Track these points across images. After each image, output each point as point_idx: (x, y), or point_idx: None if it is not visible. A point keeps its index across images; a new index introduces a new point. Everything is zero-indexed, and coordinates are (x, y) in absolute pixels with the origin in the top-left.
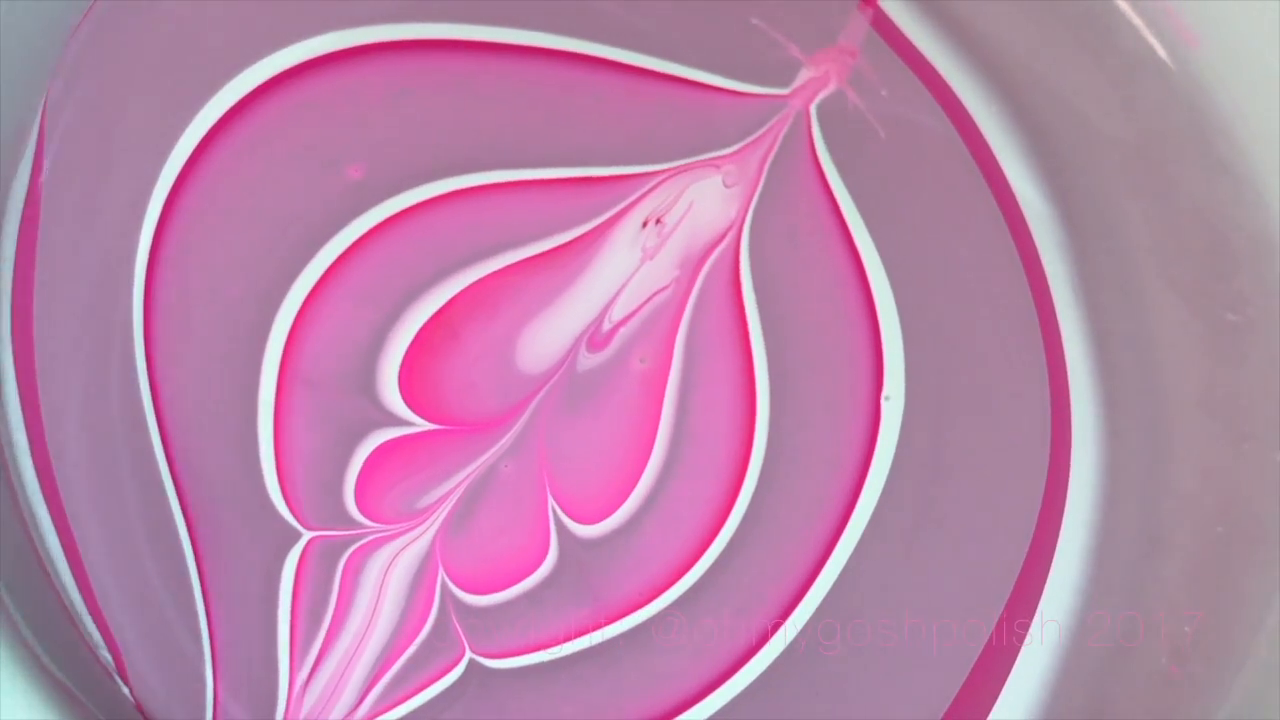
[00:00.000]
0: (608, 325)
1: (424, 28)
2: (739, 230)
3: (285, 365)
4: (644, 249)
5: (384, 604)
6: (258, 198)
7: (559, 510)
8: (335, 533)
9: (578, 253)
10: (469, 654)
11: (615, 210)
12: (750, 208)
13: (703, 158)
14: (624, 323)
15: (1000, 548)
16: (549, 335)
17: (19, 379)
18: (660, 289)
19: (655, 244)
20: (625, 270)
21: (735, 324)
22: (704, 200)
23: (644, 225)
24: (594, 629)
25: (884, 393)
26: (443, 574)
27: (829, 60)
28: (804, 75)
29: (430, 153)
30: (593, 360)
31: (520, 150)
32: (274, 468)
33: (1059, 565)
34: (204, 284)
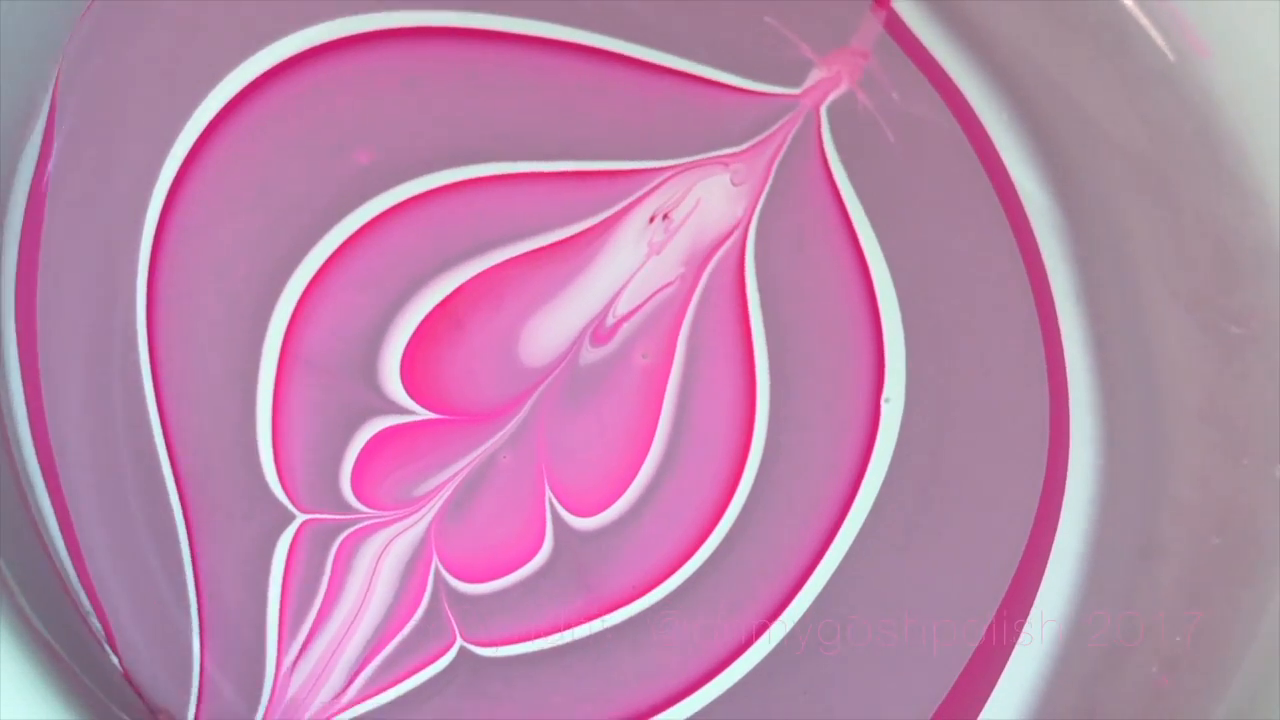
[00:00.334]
0: (611, 320)
1: (436, 15)
2: (745, 228)
3: (287, 348)
4: (650, 244)
5: (376, 589)
6: (264, 181)
7: (556, 502)
8: (329, 517)
9: (583, 246)
10: (460, 641)
11: (622, 205)
12: (758, 206)
13: (711, 155)
14: (628, 318)
15: (995, 551)
16: (552, 328)
17: (20, 353)
18: (665, 285)
19: (661, 240)
20: (630, 265)
21: (738, 322)
22: (711, 197)
23: (651, 221)
24: (587, 621)
25: (884, 395)
26: (436, 561)
27: (841, 61)
28: (815, 75)
29: (439, 141)
30: (595, 354)
31: (529, 142)
32: (271, 449)
33: (1053, 569)
34: (209, 264)
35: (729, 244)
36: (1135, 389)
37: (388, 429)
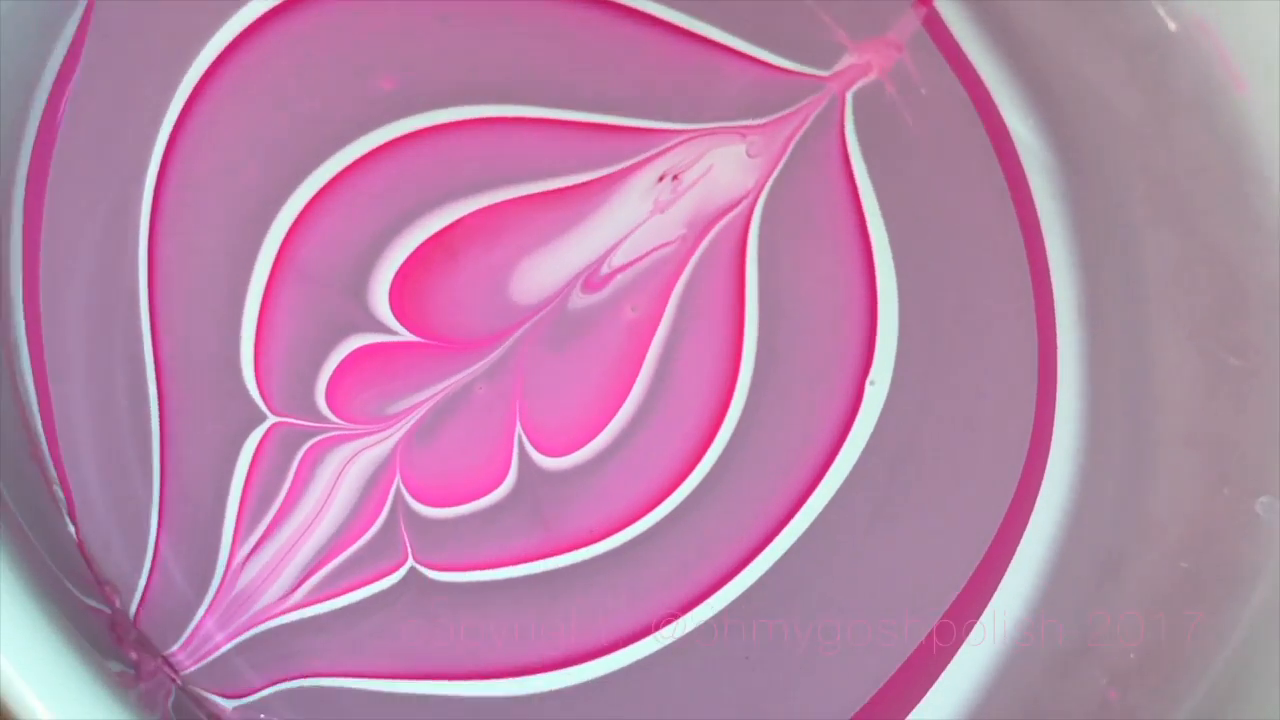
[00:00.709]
0: (606, 269)
1: None
2: (754, 200)
3: (283, 254)
4: (656, 202)
5: (335, 499)
6: (287, 93)
7: (525, 438)
8: (300, 422)
9: (590, 195)
10: (411, 561)
11: (634, 160)
12: (769, 180)
13: (731, 124)
14: (623, 269)
15: (958, 549)
16: (546, 270)
17: (25, 231)
18: (664, 243)
19: (668, 199)
20: (633, 219)
21: (733, 289)
22: (724, 165)
23: (660, 180)
24: (539, 559)
25: (870, 377)
26: (399, 480)
27: (874, 50)
28: (846, 61)
29: (463, 77)
30: (585, 300)
31: (552, 89)
32: (252, 351)
33: (1012, 574)
34: (220, 163)
35: (735, 212)
36: (1124, 405)
37: (369, 345)
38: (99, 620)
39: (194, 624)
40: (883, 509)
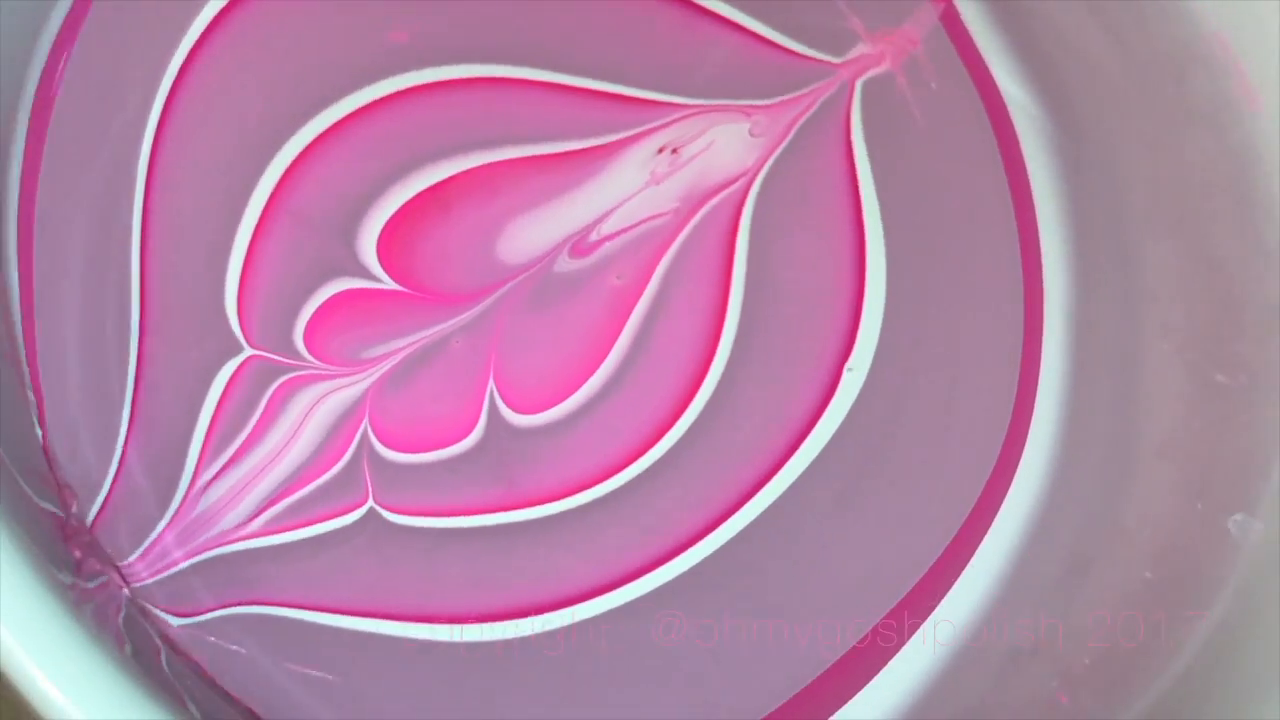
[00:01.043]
0: (595, 236)
1: None
2: (751, 179)
3: (278, 192)
4: (652, 173)
5: (302, 434)
6: (298, 36)
7: (497, 393)
8: (275, 358)
9: (587, 161)
10: (371, 502)
11: (635, 131)
12: (769, 160)
13: (736, 102)
14: (612, 237)
15: (917, 545)
16: (535, 231)
17: (29, 143)
18: (656, 215)
19: (665, 171)
20: (628, 189)
21: (720, 266)
22: (725, 142)
23: (659, 151)
24: (498, 511)
25: (848, 364)
26: (367, 423)
27: (888, 42)
28: (859, 49)
29: (476, 36)
30: (571, 265)
31: (562, 54)
32: (237, 283)
33: (970, 573)
34: (224, 101)
35: (731, 190)
36: (1104, 412)
37: (352, 290)
38: (51, 524)
39: (153, 537)
40: (846, 498)
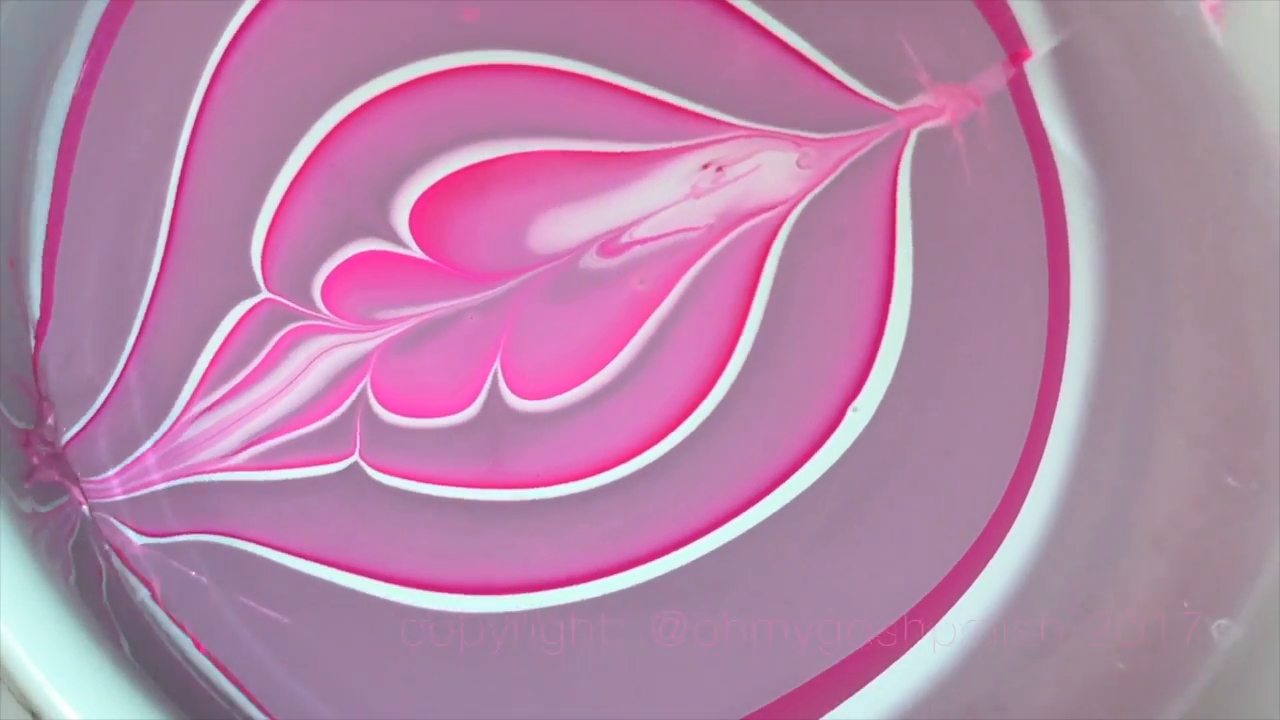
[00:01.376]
0: (626, 239)
1: None
2: (790, 208)
3: (325, 145)
4: (694, 187)
5: (302, 381)
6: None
7: (501, 374)
8: (290, 303)
9: (631, 165)
10: (357, 456)
11: (684, 143)
12: (811, 193)
13: (789, 131)
14: (642, 242)
15: (897, 590)
16: (568, 225)
17: (90, 52)
18: (690, 228)
19: (706, 187)
20: (667, 198)
21: (744, 288)
22: (771, 168)
23: (704, 167)
24: (479, 487)
25: (854, 404)
26: (368, 380)
27: (951, 96)
28: (921, 99)
29: (545, 26)
30: (598, 263)
31: (623, 56)
32: (267, 226)
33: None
34: (289, 49)
35: (768, 215)
36: (1105, 492)
37: (377, 252)
38: (10, 431)
39: (135, 456)
40: (828, 534)
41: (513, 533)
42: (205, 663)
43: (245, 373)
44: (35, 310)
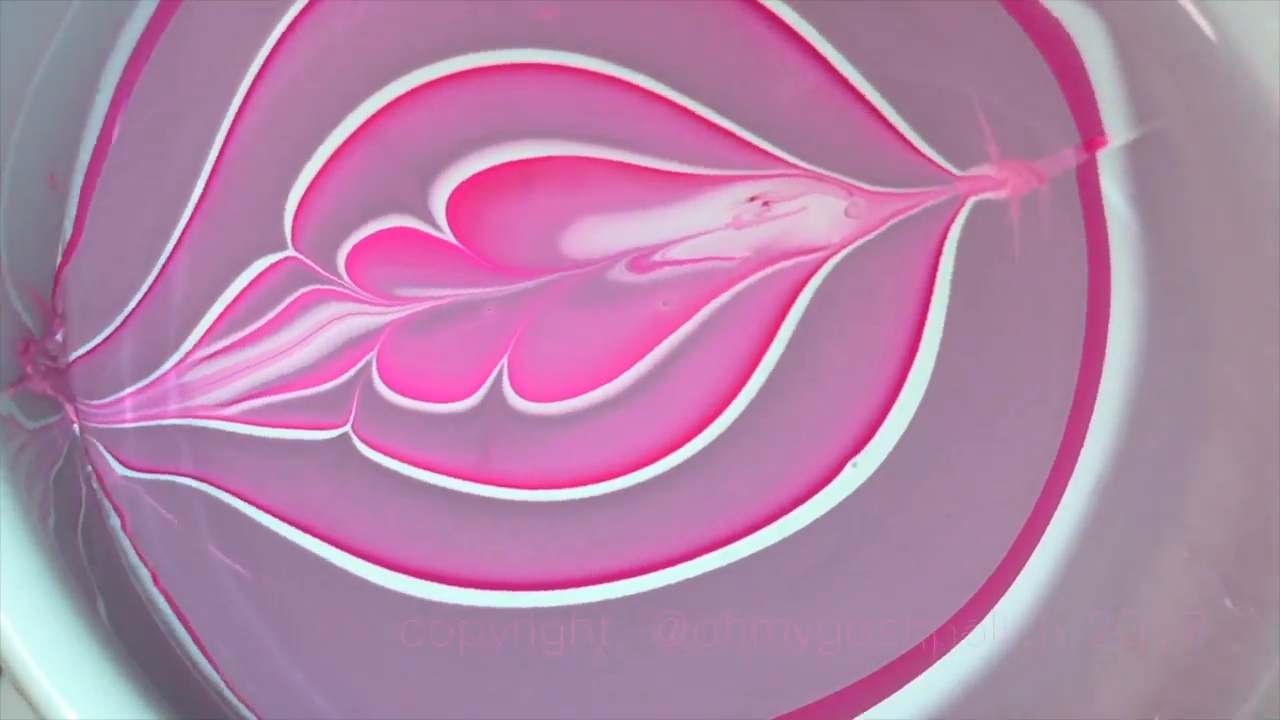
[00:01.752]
0: (658, 258)
1: None
2: (829, 256)
3: (376, 119)
4: (736, 217)
5: (310, 344)
6: None
7: (507, 372)
8: (313, 265)
9: (678, 185)
10: (349, 427)
11: (734, 172)
12: (853, 244)
13: (842, 177)
14: (674, 264)
15: (865, 652)
16: (604, 234)
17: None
18: (725, 257)
19: (749, 220)
20: (707, 224)
21: (766, 328)
22: (817, 211)
23: (750, 199)
24: (464, 479)
25: (854, 460)
26: (375, 354)
27: (1016, 171)
28: (983, 169)
29: (617, 34)
30: (625, 277)
31: (691, 77)
32: (305, 186)
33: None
34: (358, 22)
35: (805, 259)
36: (1093, 592)
37: (409, 229)
38: (16, 334)
39: (131, 389)
40: (798, 589)
41: (491, 529)
42: (163, 602)
43: (256, 325)
44: (69, 228)
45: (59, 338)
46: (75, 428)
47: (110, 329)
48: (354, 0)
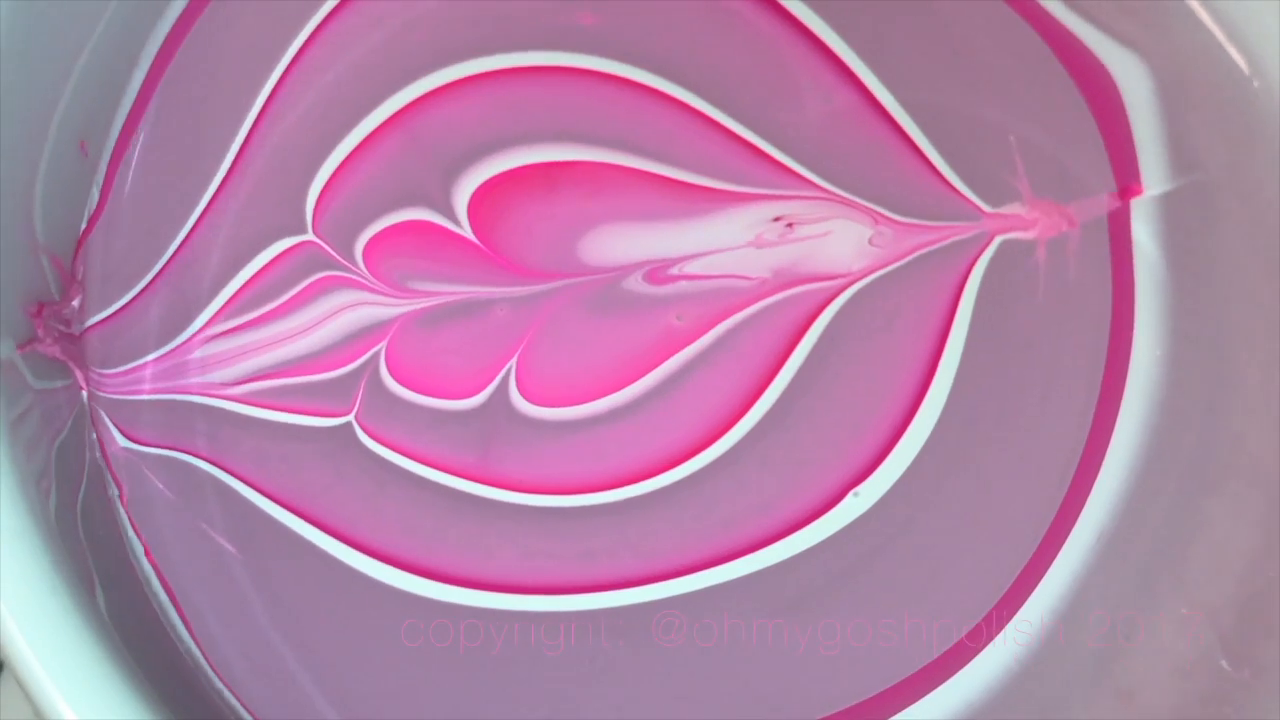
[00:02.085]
0: (676, 271)
1: None
2: (849, 283)
3: (406, 111)
4: (759, 236)
5: (321, 330)
6: None
7: (514, 372)
8: (331, 252)
9: (703, 199)
10: (353, 417)
11: (762, 191)
12: (875, 274)
13: (870, 204)
14: (691, 278)
15: (855, 678)
16: (623, 242)
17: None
18: (744, 276)
19: (771, 240)
20: (729, 240)
21: (779, 350)
22: (841, 237)
23: (775, 219)
24: (460, 477)
25: (856, 489)
26: (384, 346)
27: (1046, 213)
28: (1014, 208)
29: (655, 43)
30: (641, 287)
31: (727, 91)
32: (330, 173)
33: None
34: (397, 12)
35: (825, 285)
36: (1087, 644)
37: (429, 223)
38: (32, 291)
39: (141, 361)
40: (789, 610)
41: (483, 529)
42: (153, 576)
43: (269, 307)
44: (95, 197)
45: (75, 304)
46: (83, 395)
47: (123, 300)
48: None
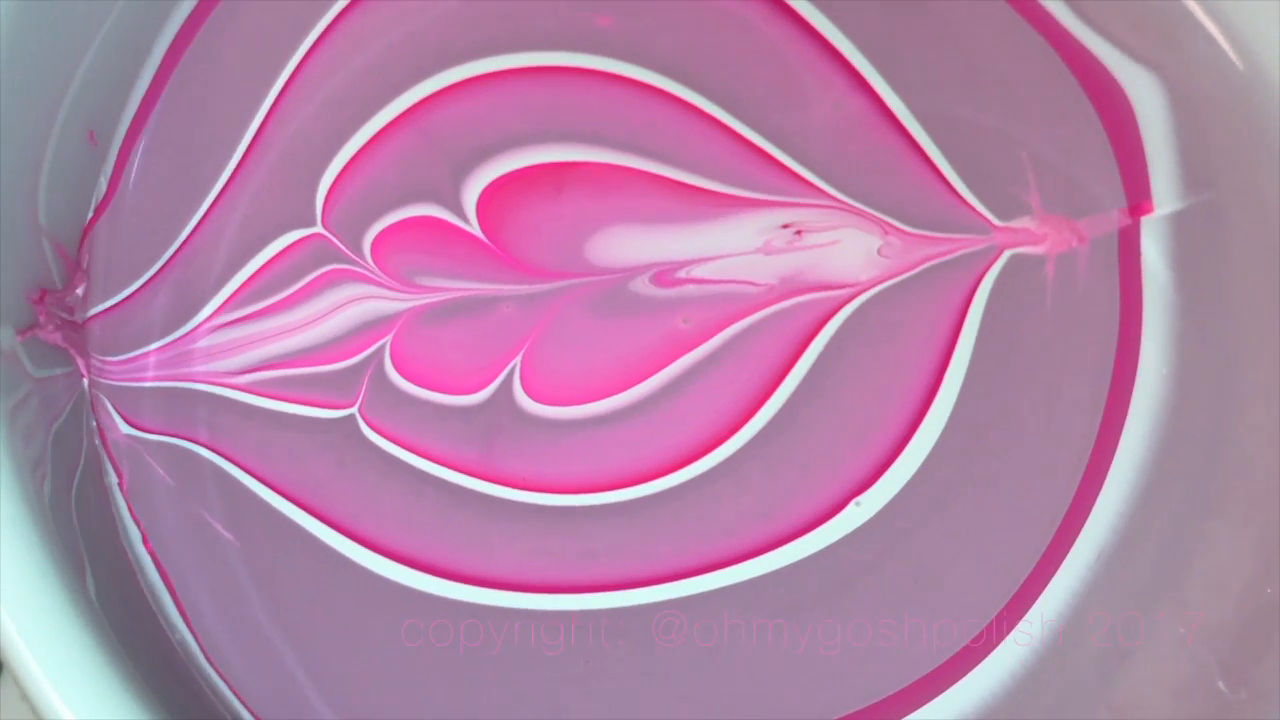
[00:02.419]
0: (683, 274)
1: None
2: (857, 293)
3: (419, 107)
4: (767, 243)
5: (327, 322)
6: None
7: (518, 372)
8: (339, 245)
9: (712, 204)
10: (357, 409)
11: (772, 197)
12: (883, 284)
13: (879, 214)
14: (698, 282)
15: (847, 687)
16: (631, 244)
17: None
18: (750, 282)
19: (780, 247)
20: (737, 246)
21: (784, 357)
22: (850, 246)
23: (784, 226)
24: (462, 472)
25: (858, 499)
26: (390, 339)
27: (1056, 228)
28: (1024, 222)
29: (670, 47)
30: (648, 290)
31: (739, 97)
32: (341, 167)
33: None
34: (406, 11)
35: (832, 294)
36: (1083, 666)
37: (437, 219)
38: (35, 279)
39: (147, 349)
40: (789, 616)
41: (484, 526)
42: (149, 564)
43: (276, 298)
44: (103, 186)
45: (79, 291)
46: (84, 382)
47: (130, 289)
48: None
